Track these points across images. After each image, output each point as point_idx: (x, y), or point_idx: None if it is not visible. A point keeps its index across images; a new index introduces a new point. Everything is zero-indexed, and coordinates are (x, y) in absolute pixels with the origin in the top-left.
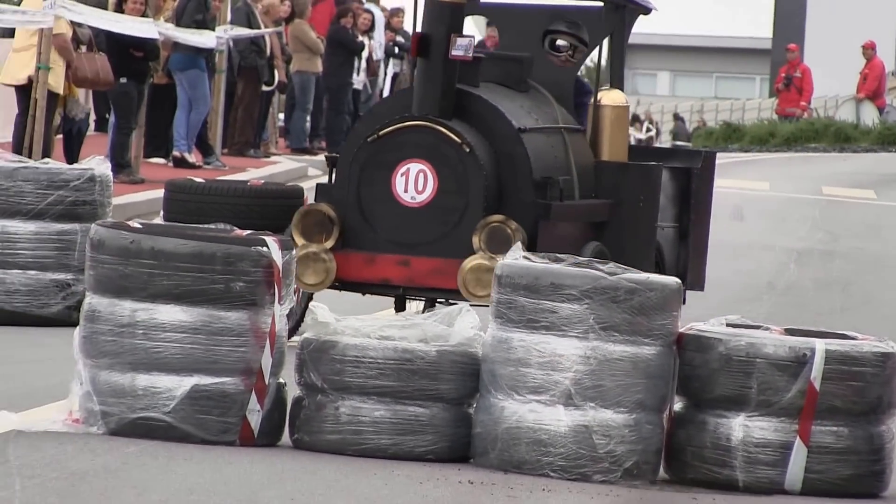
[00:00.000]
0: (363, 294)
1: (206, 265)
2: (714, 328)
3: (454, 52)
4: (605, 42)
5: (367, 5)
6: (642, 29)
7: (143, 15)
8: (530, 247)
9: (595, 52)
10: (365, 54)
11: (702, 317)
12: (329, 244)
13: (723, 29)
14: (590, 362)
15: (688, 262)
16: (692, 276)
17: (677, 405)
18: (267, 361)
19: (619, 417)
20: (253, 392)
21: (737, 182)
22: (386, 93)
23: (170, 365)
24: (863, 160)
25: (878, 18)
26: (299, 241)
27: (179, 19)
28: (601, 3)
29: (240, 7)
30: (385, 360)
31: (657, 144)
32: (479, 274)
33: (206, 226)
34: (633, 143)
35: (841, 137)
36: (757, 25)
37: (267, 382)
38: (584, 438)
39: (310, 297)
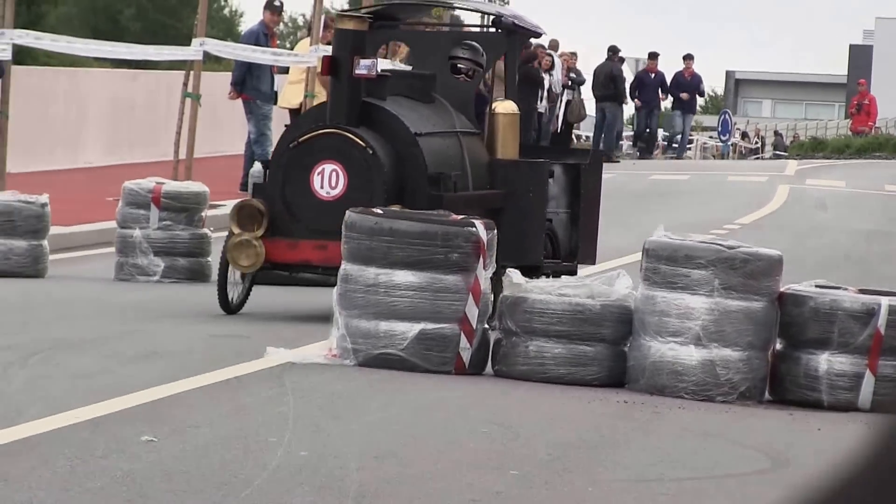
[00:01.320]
0: (289, 273)
1: (431, 241)
2: (806, 288)
3: (358, 72)
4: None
5: (548, 50)
6: (752, 67)
7: (384, 57)
8: None
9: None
10: (546, 86)
11: (796, 280)
12: (259, 233)
13: (810, 68)
14: (714, 313)
15: (579, 242)
16: (583, 253)
17: (778, 345)
18: (474, 312)
19: (736, 354)
20: (464, 334)
21: (821, 181)
22: (561, 116)
23: (403, 315)
24: None
25: None
26: (235, 230)
27: (408, 60)
28: (496, 29)
29: None
30: (562, 311)
31: (761, 154)
32: None
33: (429, 211)
34: (742, 152)
35: (888, 148)
36: (835, 66)
37: (475, 328)
38: (709, 369)
39: (253, 277)
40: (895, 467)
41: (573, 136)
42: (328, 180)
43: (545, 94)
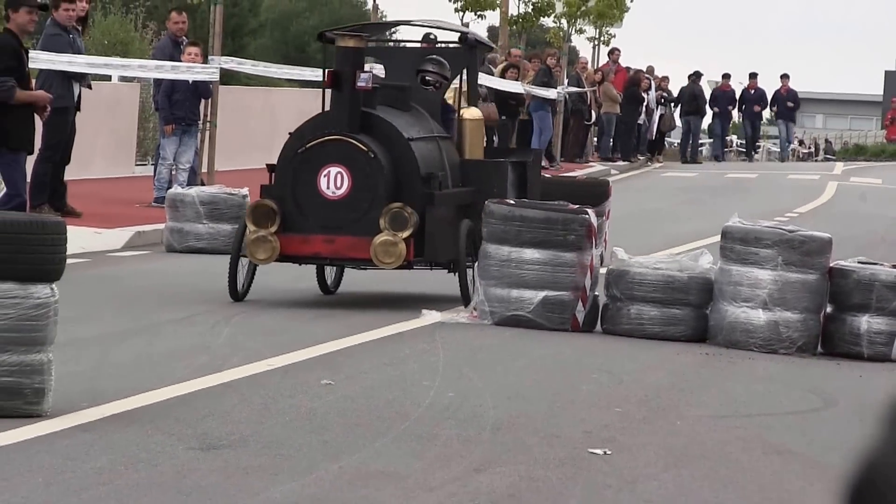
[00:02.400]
0: (300, 265)
1: (553, 225)
2: (851, 264)
3: (359, 84)
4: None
5: (646, 74)
6: (808, 88)
7: (516, 79)
8: (421, 225)
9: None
10: (644, 103)
11: (843, 257)
12: (273, 229)
13: (853, 89)
14: (777, 283)
15: None
16: None
17: (828, 309)
18: (588, 282)
19: (794, 316)
20: (580, 300)
21: (862, 179)
22: (654, 127)
23: (530, 284)
24: None
25: None
26: (251, 227)
27: (534, 81)
28: (459, 45)
29: (573, 74)
30: (657, 282)
31: (815, 157)
32: (386, 247)
33: (551, 202)
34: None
35: None
36: (873, 87)
37: (588, 294)
38: (773, 328)
39: (255, 268)
40: None
41: (664, 142)
42: (334, 181)
43: (643, 109)
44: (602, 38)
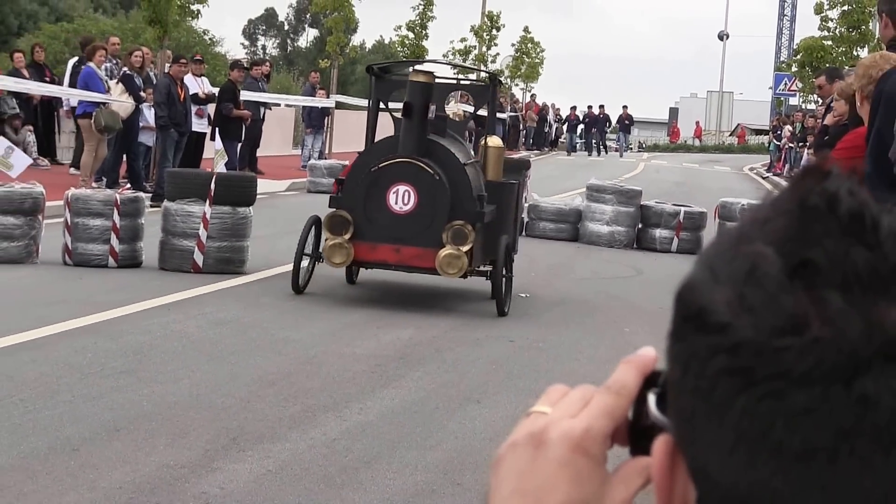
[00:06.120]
0: (367, 269)
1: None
2: (651, 203)
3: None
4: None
5: (548, 106)
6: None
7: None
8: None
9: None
10: (548, 122)
11: (647, 199)
12: (347, 237)
13: (654, 116)
14: (614, 212)
15: None
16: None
17: (639, 225)
18: (521, 210)
19: (622, 229)
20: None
21: (657, 161)
22: (553, 134)
23: None
24: (691, 156)
25: (697, 113)
26: (327, 234)
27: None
28: (486, 81)
29: (512, 106)
30: (553, 210)
31: (634, 151)
32: (450, 259)
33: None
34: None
35: (684, 148)
36: (662, 115)
37: (518, 218)
38: (611, 235)
39: (314, 268)
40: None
41: (558, 142)
42: (402, 198)
43: (547, 125)
44: (528, 88)
